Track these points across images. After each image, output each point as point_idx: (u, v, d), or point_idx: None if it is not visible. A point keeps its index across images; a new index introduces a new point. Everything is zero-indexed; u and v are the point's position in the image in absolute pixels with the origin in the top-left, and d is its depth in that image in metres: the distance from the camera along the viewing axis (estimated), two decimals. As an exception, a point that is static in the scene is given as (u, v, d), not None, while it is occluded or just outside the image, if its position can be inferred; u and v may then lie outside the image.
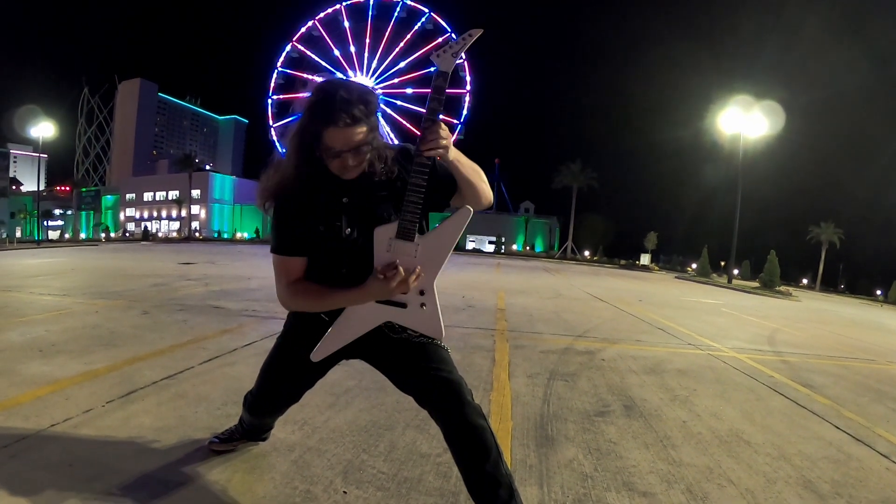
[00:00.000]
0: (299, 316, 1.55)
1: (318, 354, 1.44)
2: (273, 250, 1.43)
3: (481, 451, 1.32)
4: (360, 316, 1.41)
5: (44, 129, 30.53)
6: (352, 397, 2.67)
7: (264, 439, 2.00)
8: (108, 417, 2.21)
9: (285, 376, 1.62)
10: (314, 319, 1.47)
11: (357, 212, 1.40)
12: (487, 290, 9.63)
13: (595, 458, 2.16)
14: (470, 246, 56.46)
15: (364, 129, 1.28)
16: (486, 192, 1.45)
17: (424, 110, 1.31)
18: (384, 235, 1.35)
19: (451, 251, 1.39)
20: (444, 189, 1.43)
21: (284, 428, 2.15)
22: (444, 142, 1.30)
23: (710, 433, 2.58)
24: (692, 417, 2.81)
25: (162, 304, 5.54)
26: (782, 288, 21.75)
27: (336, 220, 1.39)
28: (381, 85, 45.55)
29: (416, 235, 1.34)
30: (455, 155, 1.36)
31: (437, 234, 1.38)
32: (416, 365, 1.44)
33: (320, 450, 2.03)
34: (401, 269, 1.30)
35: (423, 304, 1.40)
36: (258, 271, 9.06)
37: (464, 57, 1.35)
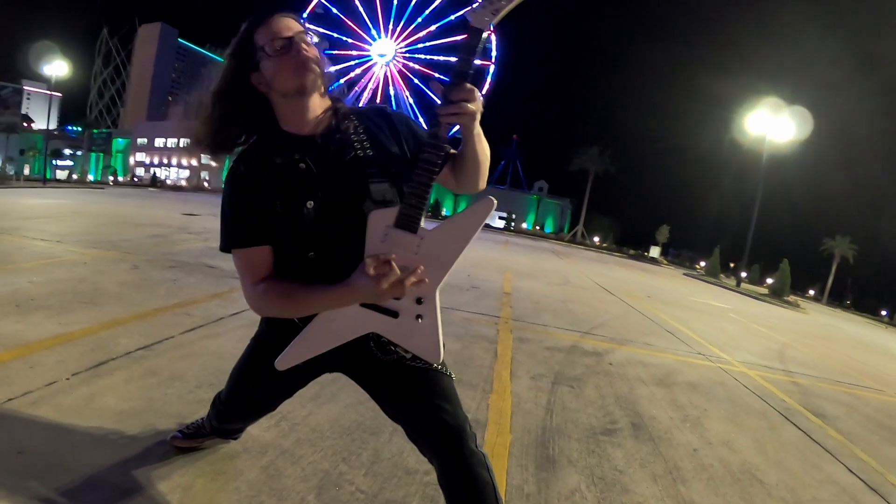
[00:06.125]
0: (273, 319, 1.29)
1: (283, 363, 1.16)
2: (223, 248, 1.15)
3: None
4: (338, 321, 1.12)
5: (58, 67, 29.97)
6: (338, 389, 2.46)
7: (235, 438, 1.79)
8: (71, 394, 2.01)
9: (256, 386, 1.39)
10: (289, 322, 1.21)
11: (318, 180, 1.12)
12: (494, 269, 9.39)
13: (599, 489, 1.96)
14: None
15: (298, 23, 1.13)
16: (485, 178, 1.23)
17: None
18: (380, 222, 1.06)
19: (464, 251, 1.08)
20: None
21: (260, 423, 1.94)
22: (471, 107, 1.02)
23: (722, 466, 2.38)
24: (703, 445, 2.60)
25: (155, 258, 5.35)
26: (790, 298, 21.41)
27: (295, 194, 1.11)
28: (404, 48, 44.44)
29: (421, 227, 1.05)
30: (478, 129, 1.11)
31: (448, 226, 1.07)
32: (413, 398, 1.19)
33: (295, 454, 1.83)
34: (395, 266, 1.02)
35: (419, 316, 1.09)
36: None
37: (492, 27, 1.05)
